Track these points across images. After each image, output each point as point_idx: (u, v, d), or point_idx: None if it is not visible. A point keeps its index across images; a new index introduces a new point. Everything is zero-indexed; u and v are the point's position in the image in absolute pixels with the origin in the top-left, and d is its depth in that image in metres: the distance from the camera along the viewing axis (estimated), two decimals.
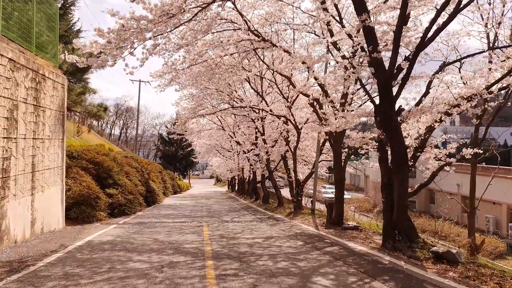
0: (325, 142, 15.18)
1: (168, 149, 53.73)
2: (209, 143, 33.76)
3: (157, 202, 23.43)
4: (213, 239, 8.87)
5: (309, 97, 12.11)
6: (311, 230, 10.43)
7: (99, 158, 16.25)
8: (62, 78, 11.14)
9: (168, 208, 19.85)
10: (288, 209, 17.13)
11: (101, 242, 8.42)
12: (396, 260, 6.37)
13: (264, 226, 11.48)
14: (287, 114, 15.18)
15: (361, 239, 8.71)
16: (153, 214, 16.15)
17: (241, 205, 22.08)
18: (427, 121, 8.60)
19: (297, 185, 15.17)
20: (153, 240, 8.82)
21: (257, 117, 18.17)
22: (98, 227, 11.42)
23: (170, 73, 11.08)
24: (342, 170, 10.78)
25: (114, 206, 15.18)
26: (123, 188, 16.54)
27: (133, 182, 19.69)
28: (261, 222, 12.82)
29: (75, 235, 9.65)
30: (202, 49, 11.16)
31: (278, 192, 18.79)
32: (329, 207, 11.08)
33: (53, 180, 10.59)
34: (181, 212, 16.93)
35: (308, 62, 10.48)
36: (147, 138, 79.87)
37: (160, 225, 11.96)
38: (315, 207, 13.98)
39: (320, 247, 7.87)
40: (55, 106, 10.61)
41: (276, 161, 20.90)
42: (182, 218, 14.31)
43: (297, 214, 14.42)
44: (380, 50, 6.61)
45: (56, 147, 10.79)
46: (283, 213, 15.64)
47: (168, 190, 34.54)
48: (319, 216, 13.27)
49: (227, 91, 16.92)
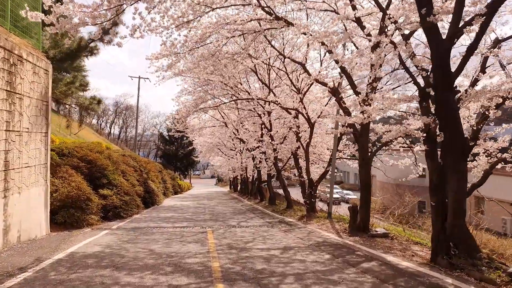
0: (341, 137, 13.71)
1: (168, 148, 52.23)
2: (210, 141, 32.28)
3: (157, 203, 22.00)
4: (221, 251, 7.41)
5: (327, 85, 10.66)
6: (334, 238, 8.95)
7: (92, 156, 14.80)
8: (45, 63, 9.68)
9: (168, 210, 18.39)
10: (299, 212, 15.67)
11: (85, 255, 6.95)
12: (463, 285, 4.90)
13: (278, 233, 10.00)
14: (299, 106, 13.70)
15: (398, 251, 7.24)
16: (151, 217, 14.69)
17: (246, 207, 20.61)
18: (477, 107, 7.12)
19: (310, 186, 13.69)
20: (148, 252, 7.35)
21: (264, 111, 16.69)
22: (87, 234, 9.96)
23: (169, 56, 9.61)
24: (369, 168, 9.31)
25: (108, 209, 13.74)
26: (118, 189, 15.11)
27: (130, 182, 18.28)
28: (272, 227, 11.35)
29: (58, 244, 8.18)
30: (206, 31, 9.72)
31: (287, 193, 17.30)
32: (353, 211, 9.60)
33: (34, 180, 9.13)
34: (182, 215, 15.47)
35: (328, 42, 9.04)
36: (147, 137, 78.44)
37: (158, 231, 10.49)
38: (332, 210, 12.49)
39: (354, 262, 6.39)
40: (36, 94, 9.14)
41: (284, 160, 19.39)
42: (183, 222, 12.85)
43: (311, 217, 12.94)
44: (437, 12, 5.13)
45: (38, 142, 9.32)
46: (295, 216, 14.16)
47: (169, 191, 33.17)
48: (338, 221, 11.78)
49: (231, 82, 15.44)
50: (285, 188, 17.41)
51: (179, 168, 54.41)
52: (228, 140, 31.32)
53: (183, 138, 51.21)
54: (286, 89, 16.03)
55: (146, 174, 23.30)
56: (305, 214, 13.78)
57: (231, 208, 19.40)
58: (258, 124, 20.80)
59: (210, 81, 16.12)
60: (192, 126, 25.43)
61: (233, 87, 15.04)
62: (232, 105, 17.88)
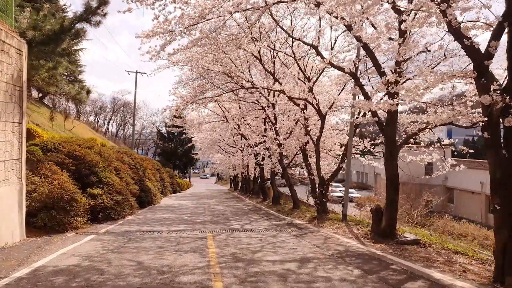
0: (356, 129, 12.37)
1: (167, 145, 50.79)
2: (210, 138, 30.92)
3: (153, 202, 20.68)
4: (224, 264, 6.06)
5: (344, 70, 9.31)
6: (357, 246, 7.59)
7: (80, 152, 13.44)
8: (17, 41, 8.30)
9: (165, 210, 17.06)
10: (307, 213, 14.33)
11: (55, 271, 5.60)
12: None
13: (289, 239, 8.65)
14: (308, 96, 12.34)
15: (442, 264, 5.89)
16: (145, 218, 13.36)
17: (248, 207, 19.28)
18: None
19: (321, 184, 12.34)
20: (135, 265, 6.00)
21: (269, 103, 15.32)
22: (69, 240, 8.62)
23: (163, 34, 8.24)
24: (396, 163, 7.95)
25: (98, 210, 12.40)
26: (110, 188, 13.77)
27: (124, 180, 16.94)
28: (280, 231, 10.00)
29: (28, 255, 6.83)
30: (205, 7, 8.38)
31: (293, 192, 15.95)
32: (376, 213, 8.25)
33: (3, 177, 7.78)
34: (179, 216, 14.13)
35: (347, 16, 7.70)
36: (146, 135, 76.96)
37: (151, 236, 9.14)
38: (347, 211, 11.13)
39: (393, 281, 5.04)
40: (5, 77, 7.78)
41: (290, 156, 18.02)
42: (180, 224, 11.50)
43: (322, 219, 11.60)
44: None
45: (8, 133, 7.95)
46: (304, 218, 12.83)
47: (167, 189, 31.89)
48: (354, 224, 10.43)
49: (233, 70, 14.06)
50: (291, 186, 16.06)
51: (178, 166, 52.97)
52: (229, 138, 30.01)
53: (182, 135, 49.82)
54: (292, 80, 14.67)
55: (142, 172, 21.97)
56: (315, 216, 12.44)
57: (233, 208, 18.06)
58: (261, 119, 19.46)
59: (210, 71, 14.77)
60: (190, 121, 24.07)
61: (235, 77, 13.65)
62: (233, 97, 16.51)
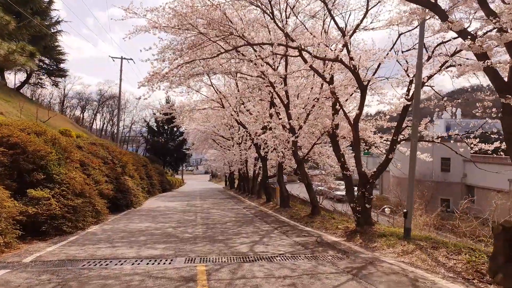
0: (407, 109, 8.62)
1: (156, 140, 46.60)
2: (204, 129, 27.07)
3: (134, 205, 16.87)
4: None
5: None
6: None
7: (19, 138, 9.54)
8: None
9: (146, 216, 13.28)
10: (334, 221, 10.60)
11: None
12: None
13: (342, 280, 4.90)
14: (343, 56, 8.57)
15: None
16: (113, 231, 9.56)
17: (251, 210, 15.48)
18: None
19: (362, 183, 8.59)
20: None
21: (281, 75, 11.52)
22: None
23: None
24: None
25: (41, 220, 8.58)
26: (64, 188, 9.94)
27: (93, 178, 13.14)
28: (316, 259, 6.23)
29: None
30: None
31: (312, 194, 12.17)
32: (504, 235, 4.52)
33: None
34: (161, 226, 10.33)
35: None
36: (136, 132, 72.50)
37: (99, 275, 5.31)
38: (411, 224, 7.36)
39: None
40: None
41: (306, 147, 14.20)
42: (157, 243, 7.69)
43: (368, 235, 7.86)
44: None
45: None
46: (335, 231, 9.09)
47: (155, 188, 28.13)
48: (431, 246, 6.65)
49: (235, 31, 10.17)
50: (310, 186, 12.27)
51: (168, 162, 48.81)
52: (224, 129, 26.22)
53: (173, 129, 45.79)
54: (309, 41, 10.80)
55: (122, 167, 18.11)
56: (353, 228, 8.69)
57: (232, 213, 14.25)
58: (267, 101, 15.67)
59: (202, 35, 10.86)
60: (180, 107, 20.16)
61: (238, 36, 9.72)
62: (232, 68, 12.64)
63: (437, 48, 8.77)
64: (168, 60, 9.08)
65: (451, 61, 8.39)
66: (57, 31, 38.10)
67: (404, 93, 9.28)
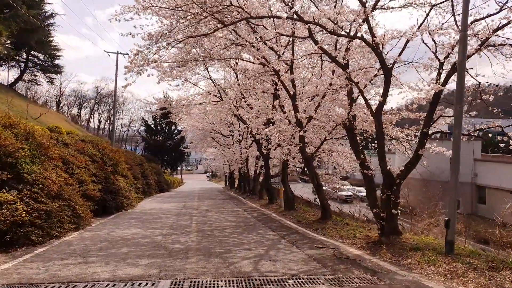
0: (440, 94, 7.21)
1: (154, 138, 45.11)
2: (202, 126, 25.65)
3: (125, 207, 15.50)
4: None
5: None
6: None
7: None
8: None
9: (136, 220, 11.90)
10: (349, 228, 9.21)
11: None
12: None
13: None
14: (364, 32, 7.16)
15: None
16: (92, 240, 8.14)
17: (252, 213, 14.07)
18: None
19: (388, 184, 7.19)
20: None
21: (287, 60, 10.11)
22: None
23: None
24: None
25: (4, 229, 7.22)
26: (36, 190, 8.57)
27: (76, 178, 11.82)
28: (340, 284, 4.83)
29: None
30: None
31: (322, 196, 10.75)
32: None
33: None
34: (150, 234, 8.92)
35: None
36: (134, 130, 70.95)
37: None
38: (454, 236, 5.95)
39: None
40: None
41: (313, 144, 12.76)
42: (140, 257, 6.28)
43: (395, 247, 6.46)
44: None
45: None
46: (353, 240, 7.70)
47: (152, 188, 26.78)
48: (487, 268, 5.24)
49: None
50: (320, 187, 10.85)
51: (166, 161, 47.32)
52: (223, 126, 24.83)
53: (171, 128, 44.39)
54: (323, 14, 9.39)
55: (112, 166, 16.68)
56: (376, 237, 7.28)
57: (232, 217, 12.84)
58: (270, 94, 14.28)
59: None
60: (177, 101, 18.75)
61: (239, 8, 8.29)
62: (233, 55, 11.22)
63: (472, 25, 7.37)
64: (154, 38, 7.65)
65: (492, 40, 6.99)
66: (49, 23, 36.64)
67: (433, 78, 7.88)
